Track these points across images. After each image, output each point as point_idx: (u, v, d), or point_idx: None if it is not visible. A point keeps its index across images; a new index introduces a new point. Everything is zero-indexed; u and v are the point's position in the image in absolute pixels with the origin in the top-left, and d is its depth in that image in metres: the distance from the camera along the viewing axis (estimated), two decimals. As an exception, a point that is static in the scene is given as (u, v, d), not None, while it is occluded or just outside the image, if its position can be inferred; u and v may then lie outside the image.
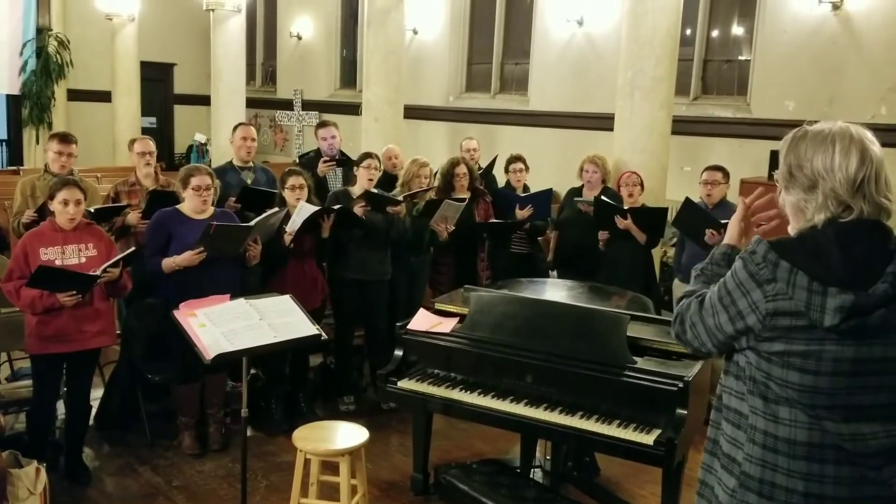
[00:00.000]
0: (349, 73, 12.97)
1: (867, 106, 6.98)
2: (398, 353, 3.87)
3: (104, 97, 12.54)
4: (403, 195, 5.17)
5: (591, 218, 5.46)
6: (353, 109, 10.69)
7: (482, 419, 3.62)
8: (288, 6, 13.71)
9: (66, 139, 4.95)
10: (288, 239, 4.62)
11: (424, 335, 3.81)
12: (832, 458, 1.70)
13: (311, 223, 4.66)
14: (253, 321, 3.37)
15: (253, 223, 4.36)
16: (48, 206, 3.98)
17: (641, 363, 3.32)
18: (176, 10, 13.71)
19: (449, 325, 3.81)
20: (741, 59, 8.35)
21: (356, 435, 3.51)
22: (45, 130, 11.75)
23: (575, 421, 3.30)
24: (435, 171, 5.89)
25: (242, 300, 3.50)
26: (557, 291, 4.30)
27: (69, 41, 12.58)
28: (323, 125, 6.15)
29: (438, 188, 5.63)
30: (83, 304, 3.86)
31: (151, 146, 5.25)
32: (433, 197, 5.43)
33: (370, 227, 4.95)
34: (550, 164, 8.11)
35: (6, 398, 4.34)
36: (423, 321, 3.89)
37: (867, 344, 1.65)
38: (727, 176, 5.27)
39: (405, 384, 3.72)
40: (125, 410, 4.70)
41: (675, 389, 3.15)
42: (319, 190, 5.39)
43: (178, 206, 4.39)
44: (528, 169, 6.16)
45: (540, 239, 6.18)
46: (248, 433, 3.47)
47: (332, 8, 12.92)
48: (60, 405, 4.25)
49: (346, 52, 13.00)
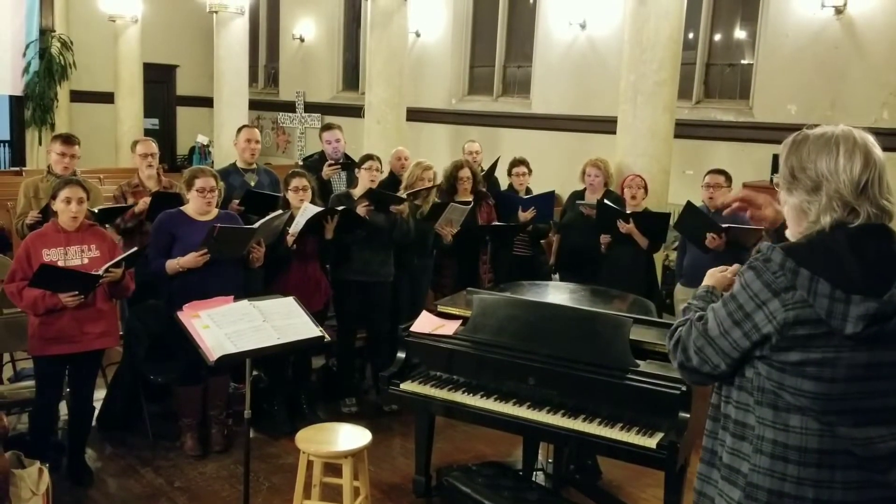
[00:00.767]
0: (352, 75, 12.98)
1: (869, 110, 6.99)
2: (401, 355, 3.87)
3: (107, 98, 12.57)
4: (407, 193, 5.17)
5: (593, 221, 5.46)
6: (355, 112, 10.71)
7: (484, 422, 3.62)
8: (291, 8, 13.73)
9: (68, 140, 4.97)
10: (290, 240, 4.62)
11: (427, 337, 3.81)
12: (841, 463, 1.70)
13: (314, 224, 4.66)
14: (256, 323, 3.37)
15: (257, 225, 4.36)
16: (51, 206, 3.99)
17: (644, 366, 3.32)
18: (179, 11, 13.74)
19: (451, 327, 3.81)
20: (744, 63, 8.36)
21: (359, 437, 3.51)
22: (47, 132, 11.77)
23: (577, 424, 3.30)
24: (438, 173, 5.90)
25: (246, 302, 3.50)
26: (559, 294, 4.30)
27: (72, 42, 12.60)
28: (327, 128, 6.16)
29: (442, 190, 5.64)
30: (86, 305, 3.85)
31: (154, 148, 5.27)
32: (436, 195, 5.44)
33: (373, 227, 4.96)
34: (552, 167, 8.11)
35: (9, 399, 4.34)
36: (425, 323, 3.89)
37: (879, 349, 1.66)
38: (729, 180, 5.26)
39: (407, 386, 3.73)
40: (128, 411, 4.70)
41: (677, 393, 3.15)
42: (323, 192, 5.40)
43: (181, 207, 4.41)
44: (530, 172, 6.17)
45: (542, 242, 6.19)
46: (250, 435, 3.47)
47: (334, 10, 12.93)
48: (63, 406, 4.25)
49: (348, 54, 13.02)
